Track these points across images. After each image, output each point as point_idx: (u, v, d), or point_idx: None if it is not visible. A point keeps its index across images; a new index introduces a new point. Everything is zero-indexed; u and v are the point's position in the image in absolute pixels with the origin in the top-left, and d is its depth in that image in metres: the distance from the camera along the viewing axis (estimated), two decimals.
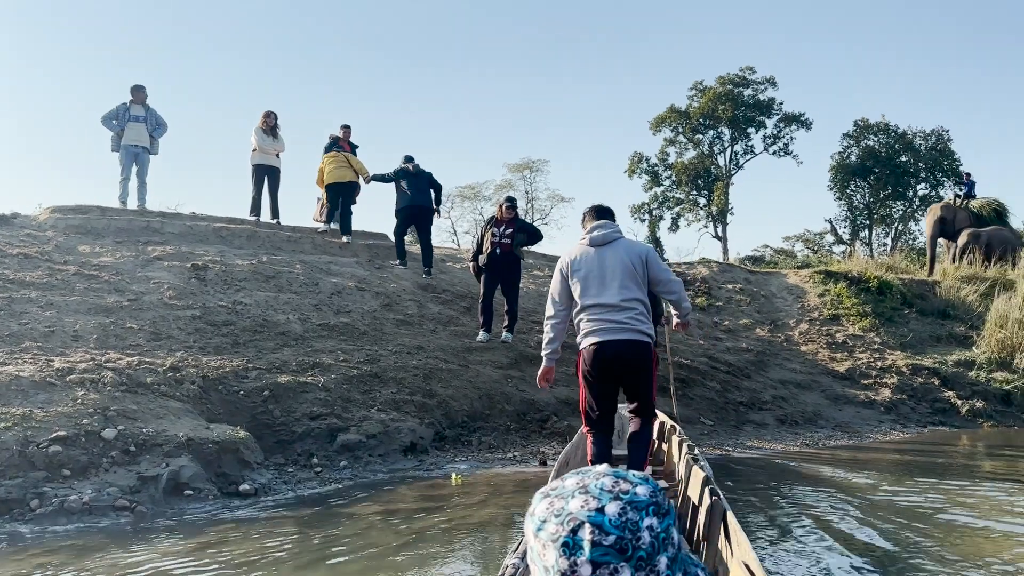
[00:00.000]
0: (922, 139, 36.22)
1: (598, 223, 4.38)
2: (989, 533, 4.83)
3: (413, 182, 10.46)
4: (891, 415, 10.47)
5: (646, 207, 37.41)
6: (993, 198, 19.62)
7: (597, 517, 0.95)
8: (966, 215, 18.03)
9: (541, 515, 0.99)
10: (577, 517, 0.95)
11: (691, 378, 9.57)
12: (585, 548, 0.93)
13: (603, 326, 4.19)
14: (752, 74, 36.14)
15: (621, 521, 0.95)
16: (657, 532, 0.97)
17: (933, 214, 18.72)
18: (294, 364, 7.31)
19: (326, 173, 11.31)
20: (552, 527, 0.96)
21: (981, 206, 18.47)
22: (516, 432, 7.59)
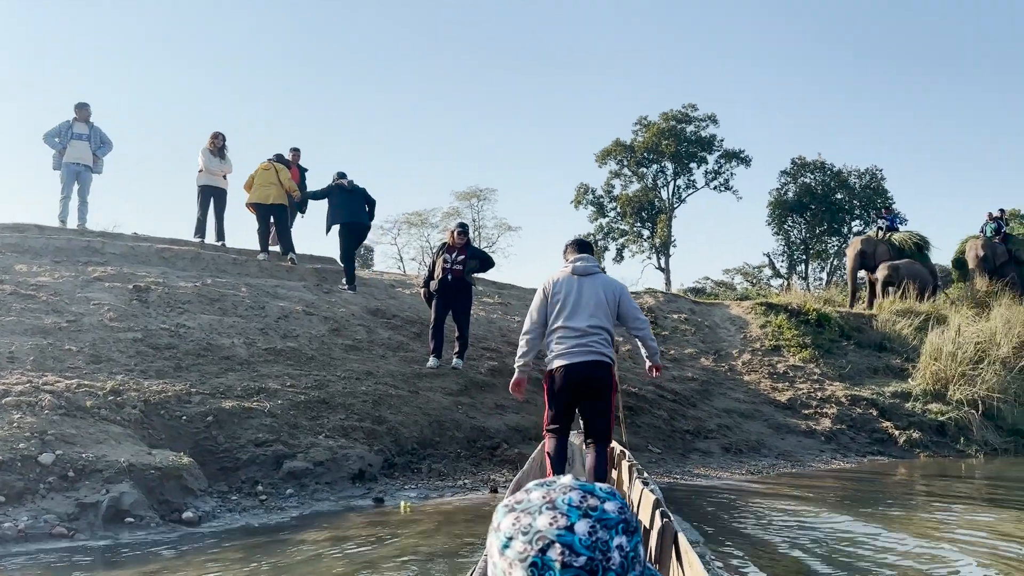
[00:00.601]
0: (856, 177, 37.53)
1: (581, 255, 4.90)
2: (921, 557, 4.96)
3: (348, 198, 10.42)
4: (832, 444, 10.71)
5: (592, 238, 37.81)
6: (915, 232, 20.34)
7: (567, 536, 0.92)
8: (886, 249, 18.53)
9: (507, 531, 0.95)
10: (546, 536, 0.92)
11: (639, 406, 9.65)
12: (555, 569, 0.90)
13: (570, 349, 4.63)
14: (694, 111, 37.08)
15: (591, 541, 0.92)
16: (627, 551, 0.95)
17: (854, 247, 19.14)
18: (239, 389, 7.14)
19: (252, 189, 10.90)
20: (520, 545, 0.93)
21: (903, 240, 19.01)
22: (466, 459, 7.53)
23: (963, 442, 11.32)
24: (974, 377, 12.25)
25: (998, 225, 19.94)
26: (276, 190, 10.85)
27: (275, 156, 11.44)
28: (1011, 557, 4.96)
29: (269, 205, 10.91)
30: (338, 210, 10.37)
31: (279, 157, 11.43)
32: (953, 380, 12.39)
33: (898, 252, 18.48)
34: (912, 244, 18.84)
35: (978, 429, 11.57)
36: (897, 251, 18.52)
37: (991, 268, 18.87)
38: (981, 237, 19.87)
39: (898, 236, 19.16)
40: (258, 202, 10.89)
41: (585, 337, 4.62)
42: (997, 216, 20.22)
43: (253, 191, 10.87)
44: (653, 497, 3.27)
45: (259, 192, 10.84)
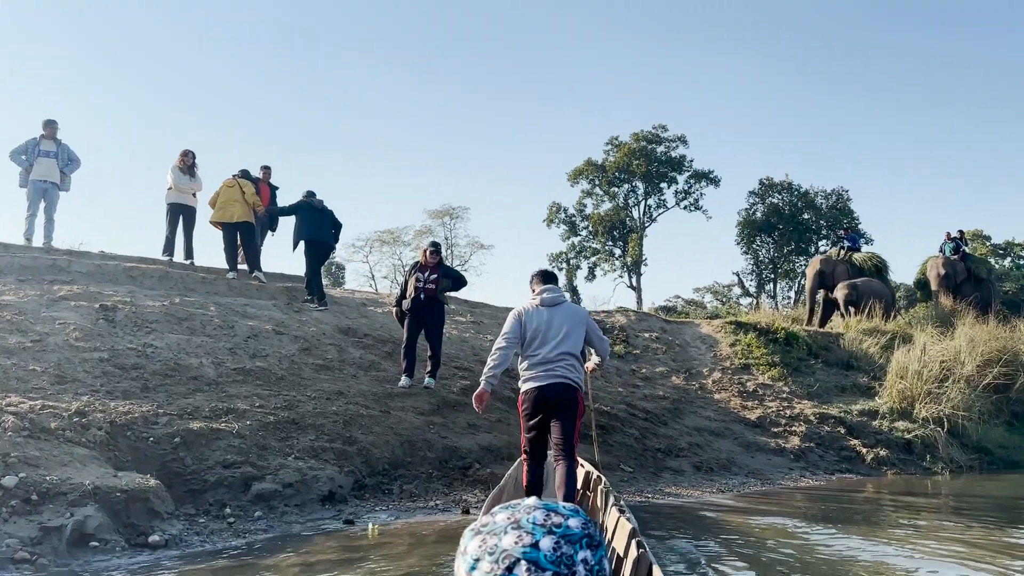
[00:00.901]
0: (823, 198, 38.15)
1: (547, 287, 5.33)
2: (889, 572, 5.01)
3: (316, 216, 10.49)
4: (800, 462, 10.80)
5: (564, 256, 38.01)
6: (875, 253, 20.71)
7: (532, 553, 0.93)
8: (845, 268, 18.82)
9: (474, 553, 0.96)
10: (512, 554, 0.93)
11: (611, 425, 9.67)
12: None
13: (542, 373, 5.08)
14: (664, 132, 37.53)
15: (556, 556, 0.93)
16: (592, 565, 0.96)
17: (813, 267, 19.43)
18: (207, 410, 7.04)
19: (216, 207, 10.79)
20: (486, 565, 0.94)
21: (863, 260, 19.36)
22: (438, 480, 7.48)
23: (929, 460, 11.48)
24: (939, 395, 12.46)
25: (956, 245, 20.41)
26: (241, 207, 10.78)
27: (240, 172, 11.32)
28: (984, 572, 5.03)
29: (235, 223, 10.84)
30: (304, 227, 10.44)
31: (244, 173, 11.32)
32: (919, 398, 12.58)
33: (858, 272, 18.78)
34: (872, 265, 19.16)
35: (944, 447, 11.75)
36: (857, 271, 18.82)
37: (952, 286, 19.29)
38: (941, 256, 20.31)
39: (859, 256, 19.50)
40: (223, 221, 10.81)
41: (556, 363, 5.07)
42: (956, 236, 20.70)
43: (217, 209, 10.79)
44: (630, 526, 3.27)
45: (223, 210, 10.76)
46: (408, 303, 8.71)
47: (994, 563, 5.32)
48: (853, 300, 17.42)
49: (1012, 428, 13.45)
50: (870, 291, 17.52)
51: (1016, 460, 12.52)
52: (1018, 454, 12.75)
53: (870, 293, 17.45)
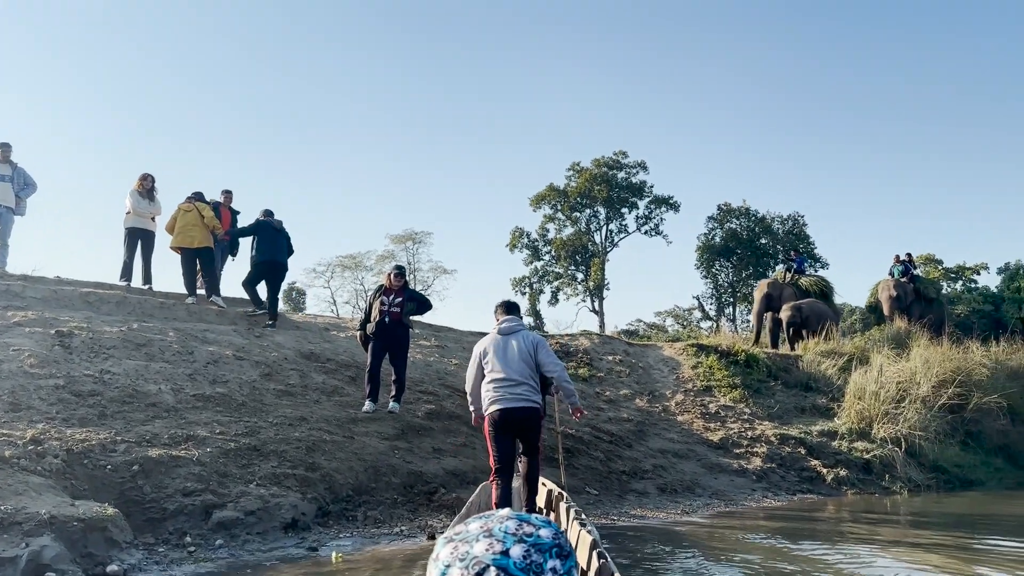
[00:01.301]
0: (780, 223, 38.85)
1: (507, 317, 5.86)
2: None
3: (275, 237, 10.50)
4: (763, 483, 10.90)
5: (527, 280, 38.12)
6: (820, 276, 21.11)
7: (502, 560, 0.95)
8: (792, 291, 19.07)
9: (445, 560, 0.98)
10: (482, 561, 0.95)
11: (576, 448, 9.67)
12: None
13: (503, 396, 5.54)
14: (625, 158, 38.00)
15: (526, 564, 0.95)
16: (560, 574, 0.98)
17: (760, 290, 19.60)
18: (166, 437, 6.90)
19: (176, 232, 10.69)
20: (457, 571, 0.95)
21: (809, 283, 19.66)
22: (403, 505, 7.40)
23: (888, 479, 11.66)
24: (897, 415, 12.68)
25: (905, 267, 20.89)
26: (201, 232, 10.72)
27: (194, 195, 11.16)
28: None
29: (195, 249, 10.74)
30: (263, 247, 10.46)
31: (198, 196, 11.16)
32: (877, 418, 12.79)
33: (804, 294, 19.04)
34: (818, 288, 19.47)
35: (902, 466, 11.94)
36: (803, 294, 19.09)
37: (903, 308, 19.72)
38: (891, 279, 20.79)
39: (805, 280, 19.78)
40: (184, 246, 10.69)
41: (516, 386, 5.54)
42: (904, 259, 21.20)
43: (177, 234, 10.69)
44: (590, 538, 3.30)
45: (184, 235, 10.66)
46: (372, 327, 8.66)
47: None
48: (796, 322, 17.69)
49: (967, 447, 13.72)
50: (814, 313, 17.83)
51: (971, 479, 12.76)
52: (973, 473, 13.00)
53: (814, 315, 17.76)
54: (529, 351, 5.61)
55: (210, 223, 10.79)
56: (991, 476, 13.27)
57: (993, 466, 13.74)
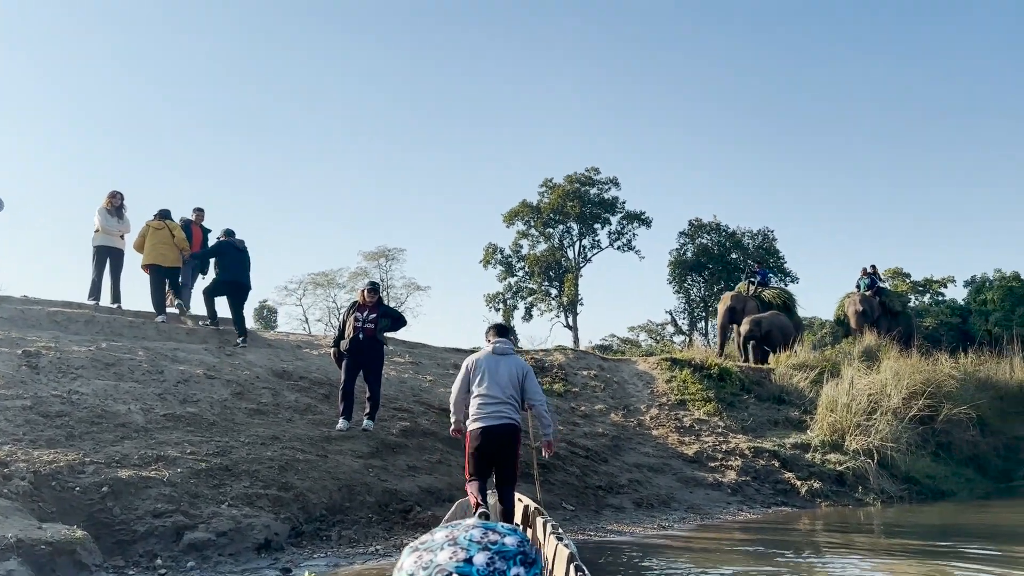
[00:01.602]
0: (750, 238, 39.27)
1: (500, 339, 6.20)
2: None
3: (238, 257, 10.55)
4: (738, 496, 10.93)
5: (500, 296, 38.13)
6: (783, 289, 21.30)
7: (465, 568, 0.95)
8: (755, 304, 19.12)
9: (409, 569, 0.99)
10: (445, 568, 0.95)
11: (552, 463, 9.64)
12: None
13: (486, 413, 5.87)
14: (597, 174, 38.25)
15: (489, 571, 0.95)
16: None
17: (724, 303, 19.69)
18: (136, 457, 6.77)
19: (146, 250, 10.67)
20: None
21: (772, 296, 19.74)
22: (378, 524, 7.31)
23: (861, 491, 11.75)
24: (868, 427, 12.80)
25: (871, 280, 21.10)
26: (172, 251, 10.80)
27: (160, 213, 11.13)
28: None
29: (167, 268, 10.72)
30: (228, 268, 10.51)
31: (165, 213, 11.15)
32: (849, 431, 12.90)
33: (767, 307, 19.10)
34: (780, 301, 19.60)
35: (874, 478, 12.04)
36: (766, 306, 19.14)
37: (870, 321, 19.95)
38: (857, 293, 21.01)
39: (768, 292, 19.89)
40: (155, 263, 10.63)
41: (500, 405, 5.87)
42: (870, 272, 21.43)
43: (148, 252, 10.65)
44: (567, 552, 3.29)
45: (155, 254, 10.66)
46: (346, 344, 8.59)
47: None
48: (756, 335, 17.79)
49: (938, 458, 13.89)
50: (774, 326, 17.96)
51: (943, 489, 12.91)
52: (945, 483, 13.15)
53: (774, 328, 17.89)
54: (518, 375, 6.01)
55: (180, 243, 10.75)
56: (962, 486, 13.44)
57: (964, 476, 13.92)
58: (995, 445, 15.34)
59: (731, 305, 19.28)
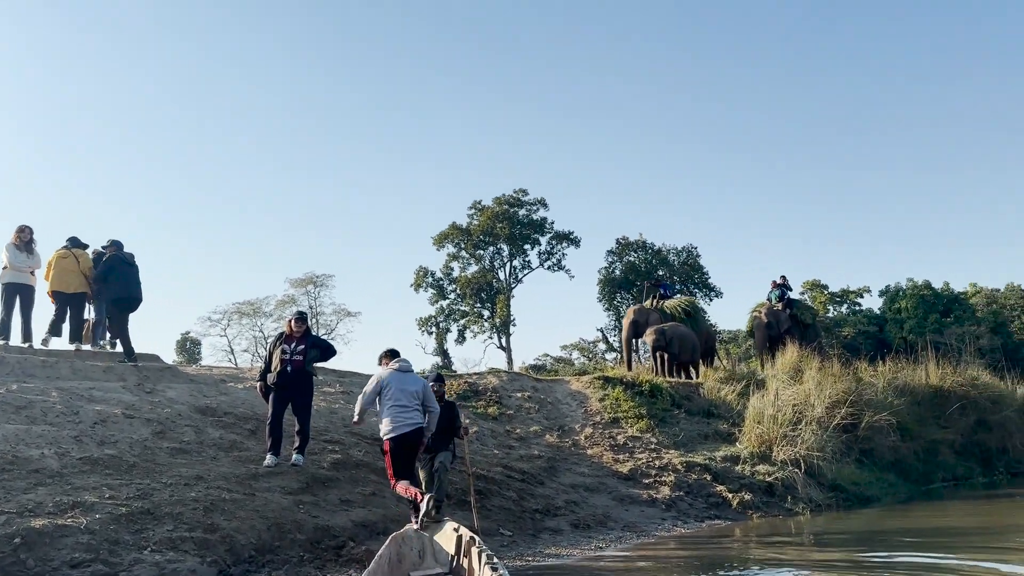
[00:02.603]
0: (675, 255, 40.10)
1: (400, 359, 7.47)
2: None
3: (128, 272, 10.49)
4: (672, 512, 11.03)
5: (433, 320, 37.92)
6: (685, 299, 21.61)
7: None
8: (658, 316, 19.34)
9: None
10: None
11: (488, 488, 9.56)
12: None
13: (400, 423, 7.09)
14: (525, 195, 38.58)
15: None
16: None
17: (628, 317, 19.92)
18: (51, 505, 6.44)
19: (51, 278, 10.55)
20: None
21: (673, 307, 19.98)
22: (310, 562, 7.09)
23: (790, 500, 12.00)
24: (794, 438, 13.12)
25: (781, 292, 21.45)
26: (78, 279, 10.67)
27: (70, 240, 11.01)
28: None
29: (71, 294, 10.66)
30: (120, 285, 10.46)
31: (75, 241, 11.05)
32: (776, 441, 13.19)
33: (669, 319, 19.31)
34: (682, 311, 19.85)
35: (802, 487, 12.32)
36: (668, 318, 19.35)
37: (776, 334, 20.31)
38: (766, 305, 21.42)
39: (670, 304, 20.09)
40: (60, 290, 10.58)
41: (407, 412, 7.13)
42: (780, 283, 21.71)
43: (54, 278, 10.60)
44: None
45: (60, 280, 10.58)
46: (274, 377, 8.36)
47: None
48: (662, 345, 17.99)
49: (862, 465, 14.31)
50: (676, 335, 18.22)
51: (868, 495, 13.29)
52: (869, 490, 13.55)
53: (676, 337, 18.16)
54: (418, 390, 7.30)
55: (86, 271, 10.57)
56: (885, 492, 13.87)
57: (887, 482, 14.37)
58: (915, 449, 15.89)
59: (635, 319, 19.43)
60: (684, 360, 18.65)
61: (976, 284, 46.44)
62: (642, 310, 19.93)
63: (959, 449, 17.25)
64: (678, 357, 18.12)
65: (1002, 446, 18.11)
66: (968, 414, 17.50)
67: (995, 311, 42.93)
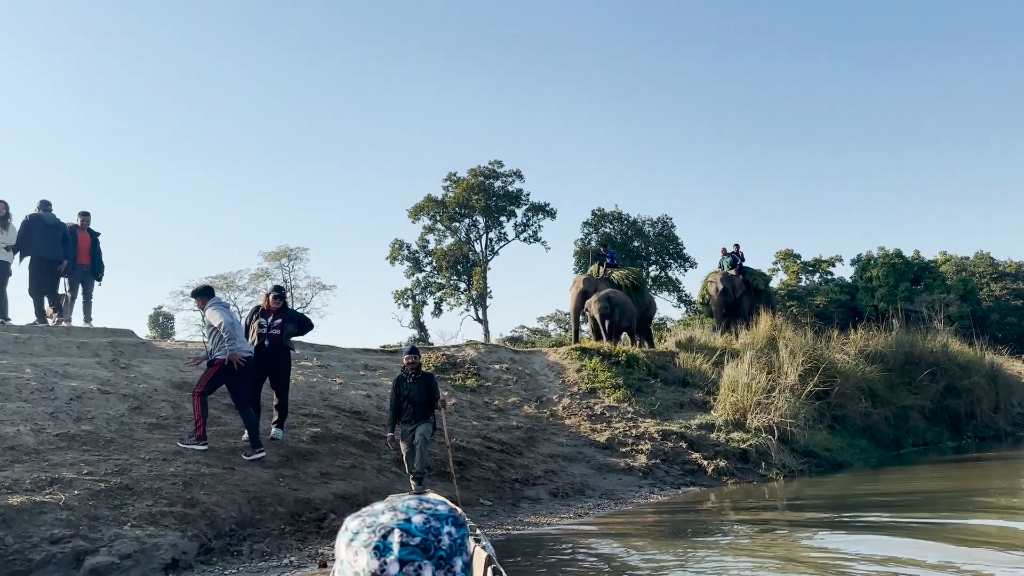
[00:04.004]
0: (650, 226, 40.22)
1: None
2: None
3: (48, 232, 10.25)
4: (649, 479, 11.18)
5: (409, 293, 37.83)
6: (632, 269, 21.39)
7: (405, 524, 1.12)
8: (606, 286, 18.79)
9: (354, 528, 1.13)
10: (387, 525, 1.11)
11: (468, 459, 9.63)
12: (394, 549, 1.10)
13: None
14: (500, 167, 38.39)
15: (426, 528, 1.13)
16: (455, 538, 1.16)
17: (577, 287, 19.27)
18: (28, 482, 6.40)
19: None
20: (365, 535, 1.11)
21: (620, 277, 19.37)
22: (292, 535, 7.14)
23: (764, 467, 12.21)
24: (768, 405, 13.31)
25: (733, 259, 21.03)
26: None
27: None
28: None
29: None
30: (36, 244, 10.31)
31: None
32: (750, 409, 13.38)
33: (618, 289, 18.84)
34: (629, 281, 19.32)
35: (776, 453, 12.54)
36: (617, 287, 18.88)
37: (731, 300, 20.14)
38: (720, 272, 21.13)
39: (617, 274, 19.54)
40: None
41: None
42: (732, 251, 21.31)
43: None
44: (485, 555, 3.28)
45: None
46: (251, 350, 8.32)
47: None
48: (607, 312, 17.65)
49: (834, 431, 14.58)
50: (619, 303, 17.91)
51: (840, 460, 13.57)
52: (841, 455, 13.83)
53: (619, 305, 17.86)
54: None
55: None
56: (857, 457, 14.16)
57: (858, 447, 14.67)
58: (885, 415, 16.22)
59: (583, 288, 18.89)
60: (623, 327, 18.40)
61: (946, 252, 47.17)
62: (590, 279, 19.40)
63: (929, 415, 17.64)
64: (618, 325, 17.91)
65: (970, 411, 18.55)
66: (938, 380, 17.87)
67: (964, 279, 43.66)
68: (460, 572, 1.17)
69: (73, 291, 11.23)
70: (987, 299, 43.25)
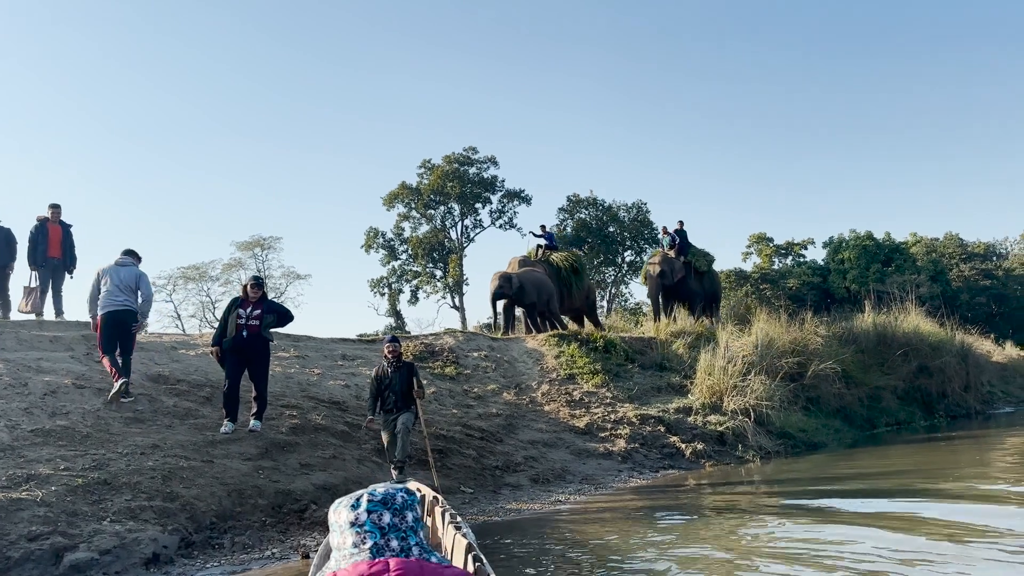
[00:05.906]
0: (625, 211, 40.35)
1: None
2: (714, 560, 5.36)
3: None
4: (628, 463, 11.28)
5: (385, 281, 37.68)
6: (571, 252, 20.77)
7: (372, 492, 1.87)
8: (543, 268, 18.16)
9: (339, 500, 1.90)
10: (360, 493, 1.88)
11: (448, 448, 9.65)
12: (363, 504, 1.83)
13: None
14: (475, 154, 38.27)
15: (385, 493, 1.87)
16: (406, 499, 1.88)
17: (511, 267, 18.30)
18: (4, 479, 6.33)
19: None
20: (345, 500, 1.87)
21: (560, 260, 18.82)
22: (273, 527, 7.12)
23: (741, 449, 12.37)
24: (744, 388, 13.47)
25: (673, 239, 20.16)
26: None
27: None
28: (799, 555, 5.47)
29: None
30: None
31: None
32: (726, 392, 13.54)
33: (556, 271, 18.27)
34: (568, 264, 18.81)
35: (752, 435, 12.70)
36: (555, 271, 18.31)
37: (670, 283, 19.39)
38: (660, 253, 20.41)
39: (556, 256, 18.97)
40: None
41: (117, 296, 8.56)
42: (675, 229, 20.42)
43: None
44: (465, 542, 3.31)
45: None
46: (229, 342, 8.26)
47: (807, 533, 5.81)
48: (505, 293, 16.83)
49: (809, 413, 14.79)
50: (530, 282, 17.14)
51: (815, 442, 13.76)
52: (816, 436, 14.03)
53: (530, 284, 17.08)
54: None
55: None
56: (832, 437, 14.38)
57: (833, 428, 14.90)
58: (859, 396, 16.48)
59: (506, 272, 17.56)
60: (541, 310, 17.37)
61: (916, 234, 47.85)
62: (526, 260, 18.58)
63: (901, 395, 17.94)
64: (531, 306, 16.99)
65: (942, 391, 18.90)
66: (910, 361, 18.16)
67: (934, 260, 44.34)
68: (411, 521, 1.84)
69: (43, 284, 11.07)
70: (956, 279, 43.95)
